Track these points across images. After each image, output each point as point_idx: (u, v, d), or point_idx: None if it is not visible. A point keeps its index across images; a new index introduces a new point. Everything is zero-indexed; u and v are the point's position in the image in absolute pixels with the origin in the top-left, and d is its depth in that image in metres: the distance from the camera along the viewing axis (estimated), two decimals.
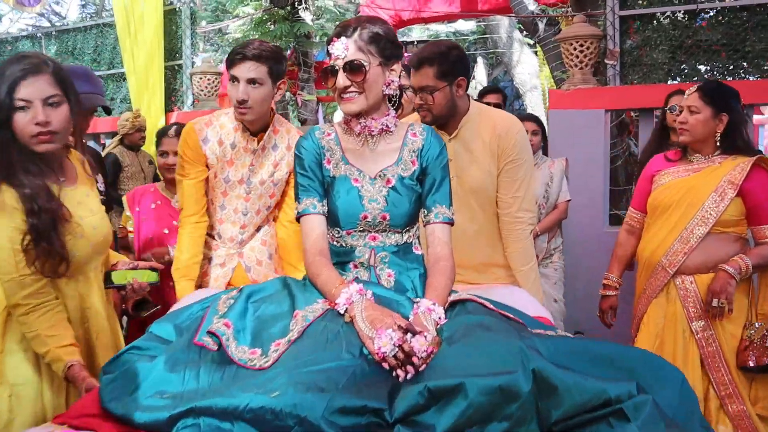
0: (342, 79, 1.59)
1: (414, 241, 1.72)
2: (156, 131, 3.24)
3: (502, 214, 2.29)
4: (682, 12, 4.12)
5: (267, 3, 7.29)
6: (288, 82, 3.36)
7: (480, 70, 13.57)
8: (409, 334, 1.31)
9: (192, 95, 6.02)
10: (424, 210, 1.71)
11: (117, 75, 6.60)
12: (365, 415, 1.17)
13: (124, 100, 6.54)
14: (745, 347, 2.33)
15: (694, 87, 2.50)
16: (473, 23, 12.96)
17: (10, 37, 7.73)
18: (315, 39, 7.60)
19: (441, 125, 2.23)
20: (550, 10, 6.06)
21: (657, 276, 2.51)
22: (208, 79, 5.49)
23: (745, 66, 4.00)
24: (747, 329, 2.35)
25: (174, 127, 2.97)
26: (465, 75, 2.21)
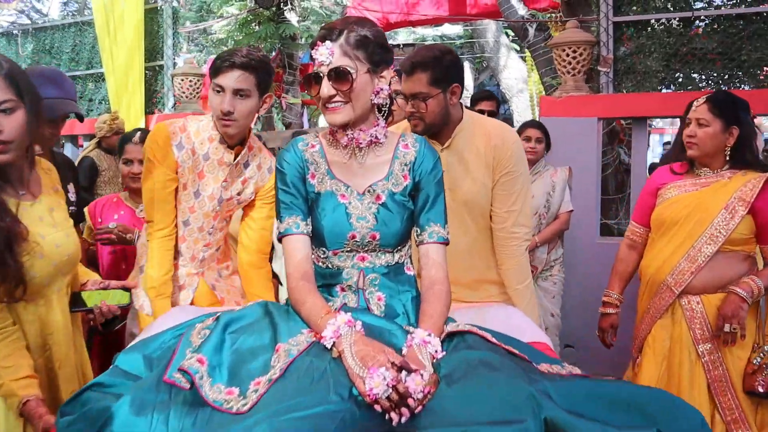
0: (327, 88, 1.44)
1: (406, 261, 1.58)
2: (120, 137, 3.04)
3: (496, 229, 2.19)
4: (677, 19, 4.05)
5: (252, 3, 7.17)
6: (273, 84, 3.21)
7: (466, 74, 13.53)
8: (404, 372, 1.17)
9: (173, 97, 5.87)
10: (416, 228, 1.57)
11: (96, 75, 6.41)
12: None
13: (103, 101, 6.37)
14: (753, 371, 2.23)
15: (702, 98, 2.38)
16: (460, 27, 12.95)
17: None
18: (300, 41, 7.49)
19: (433, 135, 2.12)
20: (540, 15, 6.00)
21: (662, 295, 2.40)
22: (190, 81, 5.35)
23: (741, 75, 3.94)
24: (755, 353, 2.26)
25: (138, 133, 2.78)
26: (459, 82, 2.10)
